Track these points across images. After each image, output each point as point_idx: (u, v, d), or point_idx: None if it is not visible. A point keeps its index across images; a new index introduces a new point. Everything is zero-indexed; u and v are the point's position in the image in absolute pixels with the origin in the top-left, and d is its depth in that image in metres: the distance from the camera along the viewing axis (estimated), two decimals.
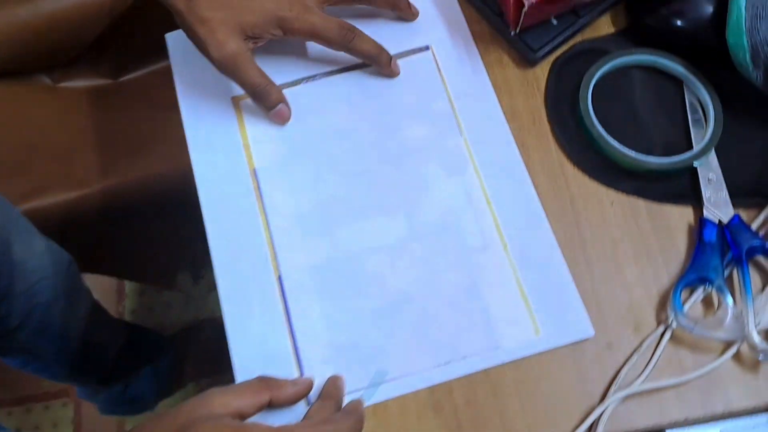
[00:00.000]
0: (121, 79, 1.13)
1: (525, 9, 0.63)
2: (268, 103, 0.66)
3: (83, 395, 1.38)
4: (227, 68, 0.64)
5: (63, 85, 1.09)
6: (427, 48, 0.71)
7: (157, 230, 1.19)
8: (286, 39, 0.67)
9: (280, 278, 0.62)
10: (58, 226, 1.00)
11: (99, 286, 1.56)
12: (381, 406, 0.59)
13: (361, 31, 0.66)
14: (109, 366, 1.25)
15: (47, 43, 1.02)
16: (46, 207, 0.99)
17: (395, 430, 0.58)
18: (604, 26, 0.72)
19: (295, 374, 0.60)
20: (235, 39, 0.62)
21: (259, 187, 0.66)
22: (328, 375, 0.59)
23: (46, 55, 1.05)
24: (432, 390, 0.59)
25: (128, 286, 1.58)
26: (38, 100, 1.07)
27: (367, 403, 0.58)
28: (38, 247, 0.95)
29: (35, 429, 1.53)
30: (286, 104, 0.67)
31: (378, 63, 0.68)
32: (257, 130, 0.68)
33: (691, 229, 0.64)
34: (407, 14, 0.71)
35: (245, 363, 0.60)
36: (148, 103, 1.09)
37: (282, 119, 0.67)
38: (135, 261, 1.30)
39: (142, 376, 1.33)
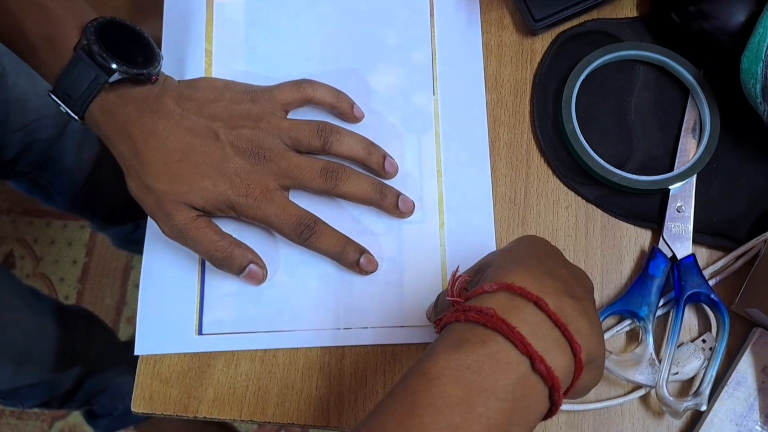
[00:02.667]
0: None
1: None
2: (232, 269, 0.56)
3: (94, 227, 1.41)
4: (178, 240, 0.55)
5: None
6: None
7: None
8: None
9: None
10: None
11: None
12: (270, 354, 0.57)
13: (324, 226, 0.56)
14: (115, 208, 1.27)
15: None
16: None
17: (277, 381, 0.56)
18: (626, 7, 0.63)
19: (195, 302, 0.57)
20: (182, 211, 0.54)
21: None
22: (227, 307, 0.57)
23: None
24: (325, 351, 0.57)
25: None
26: None
27: None
28: (43, 85, 0.93)
29: (51, 242, 1.59)
30: (257, 263, 0.57)
31: (340, 262, 0.58)
32: (225, 35, 0.63)
33: (642, 255, 0.57)
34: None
35: (151, 274, 0.59)
36: None
37: (255, 280, 0.57)
38: None
39: None
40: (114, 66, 0.51)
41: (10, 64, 0.87)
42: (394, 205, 0.58)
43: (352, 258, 0.57)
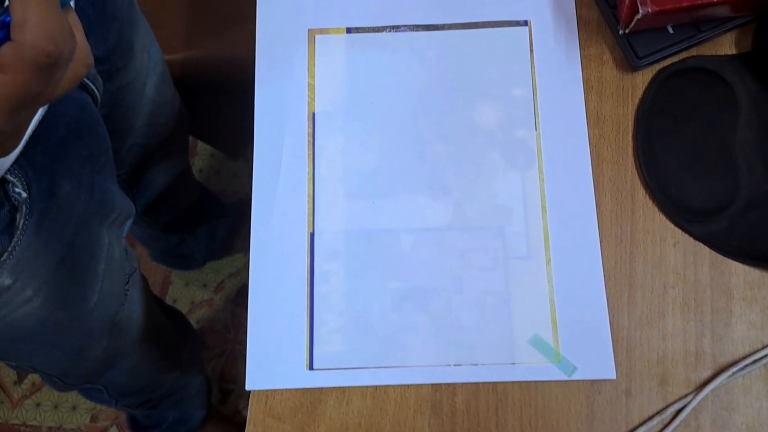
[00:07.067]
0: None
1: (638, 16, 0.54)
2: None
3: (139, 236, 1.39)
4: None
5: None
6: (525, 23, 0.62)
7: (233, 103, 1.17)
8: None
9: (312, 235, 0.58)
10: None
11: None
12: (381, 390, 0.55)
13: None
14: (177, 217, 1.26)
15: None
16: None
17: (389, 419, 0.54)
18: (726, 44, 0.62)
19: (305, 337, 0.56)
20: None
21: (313, 134, 0.60)
22: (336, 342, 0.56)
23: None
24: (436, 388, 0.55)
25: (201, 145, 1.56)
26: None
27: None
28: (166, 95, 0.92)
29: None
30: None
31: None
32: (327, 70, 0.62)
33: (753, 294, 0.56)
34: None
35: (259, 307, 0.57)
36: None
37: None
38: (208, 126, 1.29)
39: (198, 235, 1.33)
40: None
41: (148, 72, 0.85)
42: None
43: None
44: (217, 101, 1.16)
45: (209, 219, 1.34)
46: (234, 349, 1.44)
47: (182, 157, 1.10)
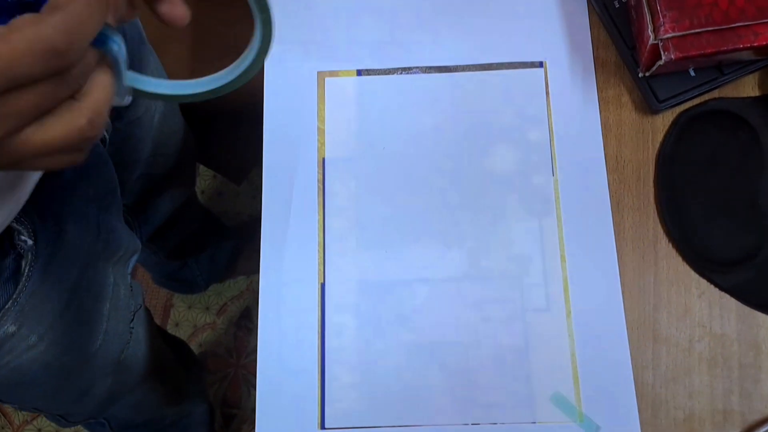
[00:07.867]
0: None
1: (661, 62, 0.52)
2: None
3: (142, 261, 1.37)
4: None
5: None
6: (540, 65, 0.60)
7: (236, 131, 1.16)
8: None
9: (323, 286, 0.55)
10: None
11: None
12: None
13: None
14: (181, 244, 1.23)
15: None
16: None
17: None
18: (748, 86, 0.59)
19: (316, 393, 0.53)
20: None
21: (323, 180, 0.58)
22: (349, 399, 0.53)
23: None
24: None
25: (202, 166, 1.54)
26: None
27: None
28: (173, 126, 0.91)
29: None
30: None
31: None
32: (337, 114, 0.59)
33: None
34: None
35: (269, 362, 0.54)
36: (244, 10, 1.02)
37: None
38: (212, 152, 1.27)
39: (201, 260, 1.31)
40: None
41: (158, 106, 0.83)
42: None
43: None
44: (221, 129, 1.15)
45: (212, 243, 1.31)
46: (237, 373, 1.41)
47: (189, 184, 1.09)
